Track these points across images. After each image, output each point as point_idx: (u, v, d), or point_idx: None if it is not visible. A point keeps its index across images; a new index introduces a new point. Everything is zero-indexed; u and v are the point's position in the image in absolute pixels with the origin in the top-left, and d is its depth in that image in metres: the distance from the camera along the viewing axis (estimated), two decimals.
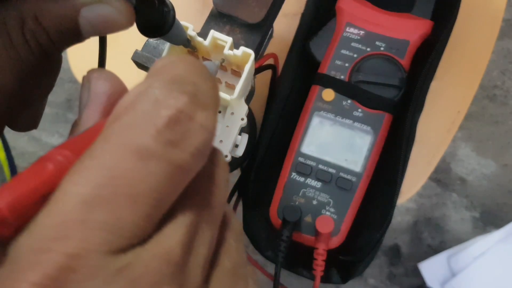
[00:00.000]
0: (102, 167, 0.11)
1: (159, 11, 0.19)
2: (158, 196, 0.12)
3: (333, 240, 0.33)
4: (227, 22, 0.30)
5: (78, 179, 0.11)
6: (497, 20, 0.41)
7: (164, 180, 0.12)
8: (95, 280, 0.11)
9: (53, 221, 0.11)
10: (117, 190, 0.11)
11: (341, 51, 0.36)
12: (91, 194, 0.11)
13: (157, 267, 0.12)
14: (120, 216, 0.11)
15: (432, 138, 0.39)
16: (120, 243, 0.11)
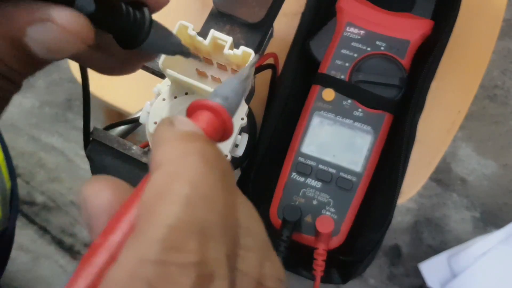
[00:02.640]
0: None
1: (129, 15, 0.16)
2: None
3: (333, 240, 0.33)
4: (227, 21, 0.30)
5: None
6: (497, 20, 0.41)
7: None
8: None
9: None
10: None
11: (342, 51, 0.36)
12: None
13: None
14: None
15: (432, 138, 0.39)
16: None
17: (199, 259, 0.10)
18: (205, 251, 0.10)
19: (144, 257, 0.10)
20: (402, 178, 0.33)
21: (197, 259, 0.10)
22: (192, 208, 0.11)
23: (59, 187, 0.39)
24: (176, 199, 0.11)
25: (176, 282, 0.10)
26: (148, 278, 0.10)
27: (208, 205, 0.11)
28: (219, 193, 0.11)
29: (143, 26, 0.17)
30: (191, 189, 0.11)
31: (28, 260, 0.34)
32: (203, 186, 0.11)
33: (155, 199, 0.11)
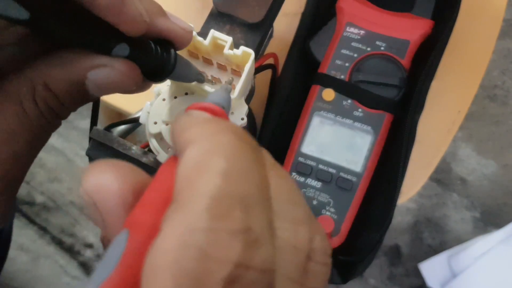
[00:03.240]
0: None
1: (158, 54, 0.18)
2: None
3: (333, 240, 0.33)
4: (227, 21, 0.30)
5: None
6: (497, 20, 0.41)
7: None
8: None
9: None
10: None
11: (341, 51, 0.36)
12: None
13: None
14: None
15: (432, 138, 0.39)
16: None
17: (245, 226, 0.10)
18: (249, 219, 0.10)
19: (192, 225, 0.10)
20: (402, 178, 0.33)
21: (243, 226, 0.10)
22: (231, 180, 0.11)
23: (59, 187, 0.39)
24: (215, 173, 0.11)
25: (227, 247, 0.10)
26: (199, 244, 0.10)
27: (246, 178, 0.11)
28: (253, 167, 0.12)
29: (169, 63, 0.19)
30: (228, 163, 0.11)
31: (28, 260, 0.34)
32: (239, 160, 0.11)
33: (193, 173, 0.11)
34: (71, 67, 0.16)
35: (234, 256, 0.10)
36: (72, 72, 0.16)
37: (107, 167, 0.12)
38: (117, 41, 0.16)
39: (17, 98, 0.16)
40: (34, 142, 0.17)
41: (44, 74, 0.16)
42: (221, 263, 0.10)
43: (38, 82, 0.16)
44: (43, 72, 0.16)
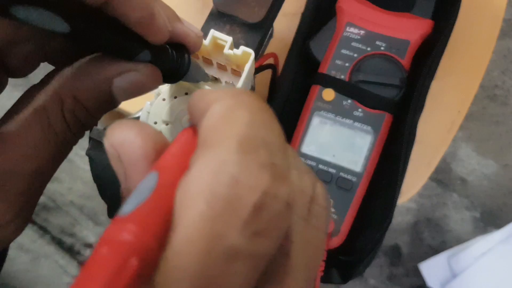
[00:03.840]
0: (188, 279, 0.10)
1: (174, 58, 0.19)
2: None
3: (333, 240, 0.33)
4: (227, 21, 0.30)
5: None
6: (497, 20, 0.41)
7: (248, 276, 0.11)
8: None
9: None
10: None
11: (341, 51, 0.36)
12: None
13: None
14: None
15: (432, 138, 0.39)
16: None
17: (271, 162, 0.11)
18: (273, 158, 0.12)
19: (223, 158, 0.11)
20: (402, 178, 0.33)
21: (270, 161, 0.11)
22: (256, 128, 0.12)
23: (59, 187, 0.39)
24: (241, 122, 0.12)
25: (257, 176, 0.11)
26: (231, 172, 0.11)
27: (268, 128, 0.12)
28: (272, 120, 0.13)
29: (183, 65, 0.20)
30: (251, 115, 0.12)
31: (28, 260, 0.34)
32: (260, 113, 0.12)
33: (220, 122, 0.12)
34: (98, 76, 0.16)
35: (263, 185, 0.11)
36: (99, 81, 0.16)
37: (133, 124, 0.13)
38: (142, 48, 0.17)
39: (44, 114, 0.16)
40: (58, 156, 0.17)
41: (72, 87, 0.16)
42: (251, 190, 0.10)
43: (67, 95, 0.16)
44: (71, 85, 0.16)
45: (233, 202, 0.10)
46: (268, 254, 0.11)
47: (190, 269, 0.10)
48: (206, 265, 0.10)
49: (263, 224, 0.11)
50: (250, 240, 0.10)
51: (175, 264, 0.10)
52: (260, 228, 0.11)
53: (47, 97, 0.16)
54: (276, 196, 0.11)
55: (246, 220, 0.10)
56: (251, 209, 0.10)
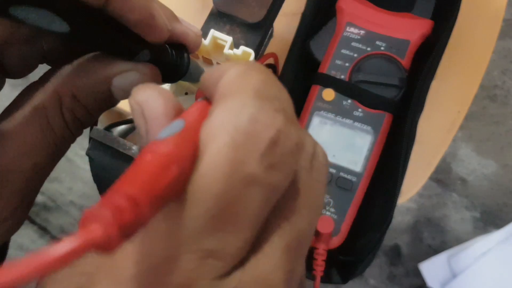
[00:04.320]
0: (212, 199, 0.11)
1: (173, 57, 0.20)
2: (256, 219, 0.12)
3: (333, 240, 0.33)
4: (227, 21, 0.30)
5: (189, 211, 0.11)
6: (497, 20, 0.41)
7: (263, 203, 0.12)
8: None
9: (162, 254, 0.11)
10: (225, 219, 0.11)
11: (341, 51, 0.36)
12: (202, 226, 0.11)
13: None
14: (227, 243, 0.11)
15: (432, 138, 0.39)
16: (226, 268, 0.12)
17: (284, 108, 0.13)
18: (285, 107, 0.13)
19: (243, 101, 0.12)
20: (402, 178, 0.33)
21: (283, 108, 0.13)
22: (269, 86, 0.13)
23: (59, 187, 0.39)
24: (255, 79, 0.13)
25: (273, 116, 0.12)
26: (250, 111, 0.12)
27: (279, 88, 0.14)
28: (282, 86, 0.14)
29: (183, 65, 0.20)
30: (264, 76, 0.13)
31: None
32: (271, 77, 0.14)
33: (236, 80, 0.13)
34: (98, 75, 0.17)
35: (278, 124, 0.12)
36: (99, 80, 0.17)
37: (156, 86, 0.14)
38: (142, 48, 0.17)
39: (42, 112, 0.16)
40: (55, 153, 0.17)
41: (71, 86, 0.16)
42: (268, 126, 0.12)
43: (66, 94, 0.16)
44: (70, 83, 0.16)
45: (253, 135, 0.12)
46: (280, 189, 0.12)
47: (214, 188, 0.11)
48: (227, 187, 0.11)
49: (277, 158, 0.12)
50: (266, 171, 0.12)
51: (201, 184, 0.11)
52: (275, 161, 0.12)
53: (46, 95, 0.16)
54: (289, 136, 0.12)
55: (263, 152, 0.12)
56: (268, 142, 0.12)
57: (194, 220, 0.11)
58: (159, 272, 0.11)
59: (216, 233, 0.11)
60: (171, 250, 0.11)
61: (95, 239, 0.09)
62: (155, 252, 0.11)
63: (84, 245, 0.09)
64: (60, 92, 0.16)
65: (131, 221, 0.09)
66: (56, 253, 0.08)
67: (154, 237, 0.11)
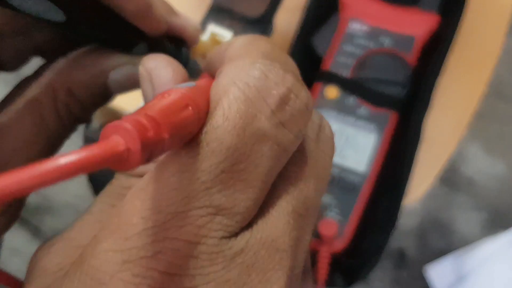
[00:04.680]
0: (224, 151, 0.11)
1: (171, 51, 0.19)
2: (266, 179, 0.12)
3: (337, 243, 0.32)
4: (226, 16, 0.29)
5: (200, 163, 0.11)
6: (506, 16, 0.40)
7: (272, 162, 0.12)
8: (215, 266, 0.11)
9: (171, 209, 0.11)
10: (235, 175, 0.11)
11: (345, 47, 0.35)
12: (212, 180, 0.11)
13: (266, 255, 0.12)
14: (236, 201, 0.11)
15: (439, 138, 0.38)
16: (234, 227, 0.11)
17: (292, 70, 0.13)
18: (293, 70, 0.13)
19: (254, 59, 0.12)
20: (407, 178, 0.32)
21: (291, 70, 0.13)
22: (275, 52, 0.13)
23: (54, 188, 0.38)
24: (263, 45, 0.13)
25: (283, 75, 0.12)
26: (261, 68, 0.12)
27: (286, 56, 0.14)
28: (288, 56, 0.14)
29: (181, 60, 0.20)
30: (273, 44, 0.13)
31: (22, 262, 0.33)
32: (276, 46, 0.14)
33: (244, 45, 0.13)
34: (94, 69, 0.16)
35: (288, 82, 0.12)
36: (95, 74, 0.16)
37: (166, 57, 0.15)
38: (139, 40, 0.17)
39: (37, 107, 0.16)
40: (49, 149, 0.16)
41: (66, 80, 0.16)
42: (278, 84, 0.12)
43: (61, 88, 0.16)
44: (65, 77, 0.16)
45: (263, 91, 0.12)
46: (289, 149, 0.12)
47: (226, 141, 0.11)
48: (239, 141, 0.11)
49: (287, 117, 0.12)
50: (277, 128, 0.12)
51: (213, 136, 0.11)
52: (285, 119, 0.12)
53: (41, 89, 0.16)
54: (298, 95, 0.12)
55: (274, 108, 0.12)
56: (278, 99, 0.12)
57: (205, 173, 0.11)
58: (168, 228, 0.11)
59: (226, 189, 0.11)
60: (180, 205, 0.11)
61: (116, 149, 0.08)
62: (164, 208, 0.11)
63: (104, 154, 0.08)
64: (55, 86, 0.16)
65: (153, 140, 0.09)
66: (73, 159, 0.07)
67: (163, 191, 0.11)
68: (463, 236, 0.42)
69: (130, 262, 0.11)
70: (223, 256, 0.11)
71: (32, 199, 0.39)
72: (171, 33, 0.18)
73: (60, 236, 0.14)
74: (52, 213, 0.38)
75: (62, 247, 0.13)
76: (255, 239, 0.12)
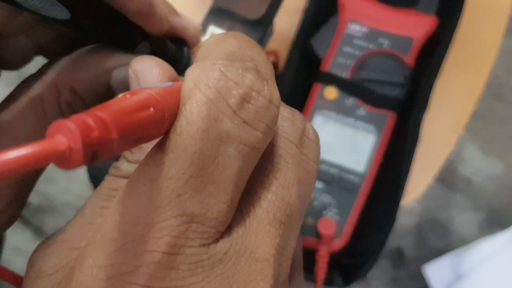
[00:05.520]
0: (189, 156, 0.11)
1: (173, 51, 0.19)
2: (237, 179, 0.12)
3: (336, 242, 0.32)
4: (227, 18, 0.29)
5: (167, 171, 0.11)
6: (503, 17, 0.40)
7: (242, 162, 0.12)
8: (195, 277, 0.11)
9: (147, 221, 0.11)
10: (204, 179, 0.11)
11: (344, 48, 0.35)
12: (182, 187, 0.11)
13: (246, 266, 0.12)
14: (209, 205, 0.11)
15: (437, 138, 0.38)
16: (211, 233, 0.11)
17: (255, 67, 0.13)
18: (258, 67, 0.13)
19: (213, 61, 0.12)
20: (405, 178, 0.32)
21: (254, 67, 0.13)
22: (242, 48, 0.13)
23: (55, 188, 0.38)
24: (230, 43, 0.13)
25: (242, 74, 0.12)
26: (220, 69, 0.12)
27: (253, 50, 0.13)
28: (257, 46, 0.14)
29: (183, 59, 0.20)
30: (240, 41, 0.13)
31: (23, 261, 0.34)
32: (246, 40, 0.14)
33: (210, 45, 0.13)
34: (97, 68, 0.16)
35: (248, 81, 0.12)
36: (98, 73, 0.16)
37: (154, 58, 0.15)
38: (141, 40, 0.17)
39: (40, 105, 0.16)
40: None
41: (70, 78, 0.16)
42: (238, 84, 0.12)
43: (64, 87, 0.16)
44: (68, 75, 0.16)
45: (223, 92, 0.12)
46: (257, 147, 0.12)
47: (190, 146, 0.11)
48: (203, 144, 0.11)
49: (250, 115, 0.12)
50: (240, 127, 0.11)
51: (178, 143, 0.11)
52: (248, 117, 0.12)
53: (44, 88, 0.16)
54: (260, 92, 0.12)
55: (235, 108, 0.11)
56: (239, 98, 0.12)
57: (173, 180, 0.11)
58: (146, 241, 0.11)
59: (197, 194, 0.11)
60: (155, 215, 0.11)
61: (57, 148, 0.08)
62: (141, 220, 0.11)
63: (44, 152, 0.08)
64: (58, 85, 0.16)
65: (97, 141, 0.09)
66: (13, 156, 0.08)
67: (138, 202, 0.11)
68: (461, 235, 0.43)
69: (113, 277, 0.11)
70: (202, 266, 0.11)
71: (34, 199, 0.39)
72: (172, 33, 0.19)
73: (54, 237, 0.14)
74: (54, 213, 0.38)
75: (56, 249, 0.13)
76: (234, 250, 0.12)
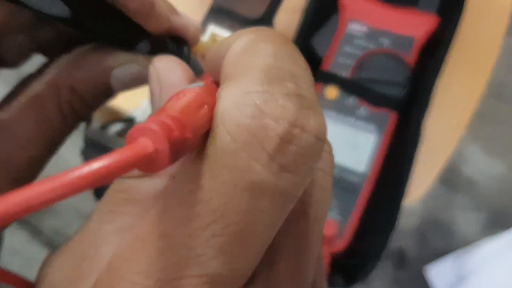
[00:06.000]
0: (210, 213, 0.10)
1: (173, 50, 0.19)
2: (270, 233, 0.10)
3: (337, 243, 0.32)
4: (227, 17, 0.29)
5: (184, 228, 0.10)
6: (505, 16, 0.40)
7: (276, 214, 0.10)
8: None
9: (161, 276, 0.10)
10: (230, 238, 0.10)
11: (344, 48, 0.35)
12: (203, 247, 0.10)
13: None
14: (235, 265, 0.10)
15: (439, 138, 0.38)
16: None
17: (298, 92, 0.10)
18: (301, 89, 0.11)
19: (246, 89, 0.10)
20: (407, 178, 0.32)
21: (296, 92, 0.10)
22: (281, 59, 0.11)
23: None
24: (265, 53, 0.11)
25: (282, 106, 0.10)
26: (254, 103, 0.10)
27: (293, 59, 0.11)
28: (297, 52, 0.12)
29: (182, 58, 0.20)
30: (275, 46, 0.11)
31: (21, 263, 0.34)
32: (284, 45, 0.11)
33: (244, 55, 0.11)
34: (97, 67, 0.16)
35: (289, 115, 0.10)
36: (98, 72, 0.16)
37: (176, 58, 0.14)
38: (141, 39, 0.17)
39: (40, 104, 0.16)
40: (51, 147, 0.16)
41: (70, 77, 0.16)
42: (276, 120, 0.10)
43: (64, 86, 0.16)
44: (68, 75, 0.16)
45: (258, 133, 0.10)
46: (296, 194, 0.10)
47: (212, 202, 0.10)
48: (229, 199, 0.09)
49: (290, 158, 0.10)
50: (277, 176, 0.10)
51: (199, 196, 0.10)
52: (288, 162, 0.10)
53: (44, 86, 0.16)
54: (305, 128, 0.10)
55: (272, 153, 0.10)
56: (277, 140, 0.10)
57: (191, 239, 0.10)
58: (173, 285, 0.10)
59: (220, 255, 0.10)
60: (170, 271, 0.10)
61: (144, 151, 0.08)
62: (154, 274, 0.10)
63: (134, 157, 0.08)
64: (58, 83, 0.16)
65: (179, 140, 0.09)
66: (105, 164, 0.07)
67: (152, 255, 0.10)
68: (463, 236, 0.42)
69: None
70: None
71: None
72: (172, 32, 0.19)
73: (64, 246, 0.13)
74: (52, 213, 0.38)
75: (67, 258, 0.13)
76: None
